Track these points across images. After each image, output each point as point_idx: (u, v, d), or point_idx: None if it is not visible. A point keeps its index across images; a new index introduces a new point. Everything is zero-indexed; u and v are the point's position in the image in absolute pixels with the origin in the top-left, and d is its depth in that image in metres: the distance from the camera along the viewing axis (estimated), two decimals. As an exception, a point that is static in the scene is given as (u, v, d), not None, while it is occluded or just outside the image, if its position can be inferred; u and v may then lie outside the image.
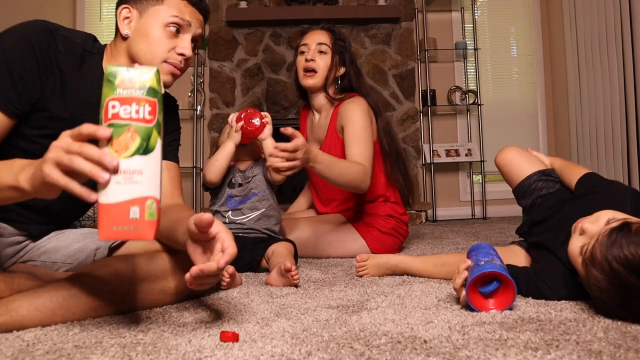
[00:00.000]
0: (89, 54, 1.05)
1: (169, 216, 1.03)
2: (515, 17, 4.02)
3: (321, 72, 1.78)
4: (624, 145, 3.07)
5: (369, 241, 1.77)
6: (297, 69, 1.84)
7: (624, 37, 3.06)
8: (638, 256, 0.81)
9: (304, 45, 1.82)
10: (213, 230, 0.81)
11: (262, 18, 3.65)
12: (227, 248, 0.79)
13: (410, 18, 3.77)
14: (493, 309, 0.94)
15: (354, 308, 1.00)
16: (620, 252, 0.83)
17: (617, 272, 0.82)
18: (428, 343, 0.75)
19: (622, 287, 0.82)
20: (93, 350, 0.73)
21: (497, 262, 0.98)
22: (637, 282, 0.81)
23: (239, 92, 3.76)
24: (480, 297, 0.95)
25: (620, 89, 3.09)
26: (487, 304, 0.95)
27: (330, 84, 1.81)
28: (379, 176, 1.81)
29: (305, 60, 1.78)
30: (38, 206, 1.08)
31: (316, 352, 0.71)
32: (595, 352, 0.69)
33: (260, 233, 1.59)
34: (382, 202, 1.83)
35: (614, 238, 0.86)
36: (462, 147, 3.76)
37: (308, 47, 1.81)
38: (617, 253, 0.83)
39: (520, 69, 4.01)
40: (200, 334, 0.81)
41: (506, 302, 0.94)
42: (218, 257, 0.78)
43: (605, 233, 0.88)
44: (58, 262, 1.06)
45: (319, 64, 1.78)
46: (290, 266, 1.21)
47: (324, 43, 1.79)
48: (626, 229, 0.86)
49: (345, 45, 1.84)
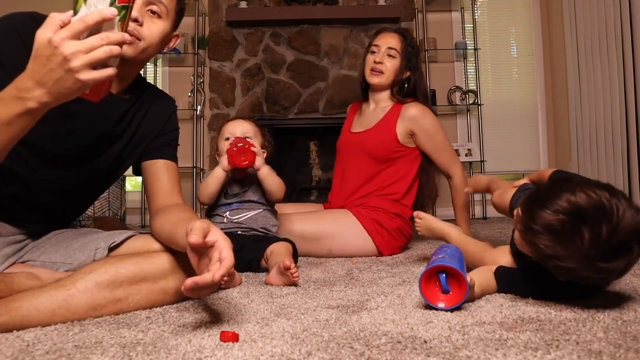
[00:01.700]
0: None
1: (169, 218, 1.03)
2: (515, 17, 4.02)
3: (387, 73, 1.91)
4: (624, 145, 3.07)
5: (374, 237, 1.79)
6: (364, 66, 1.96)
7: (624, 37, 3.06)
8: (553, 203, 0.88)
9: (375, 46, 1.94)
10: (211, 239, 0.81)
11: (262, 18, 3.65)
12: (224, 258, 0.79)
13: (410, 18, 3.77)
14: (442, 305, 0.95)
15: (354, 308, 1.00)
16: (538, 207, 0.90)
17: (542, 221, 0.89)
18: (428, 343, 0.75)
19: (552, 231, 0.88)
20: (93, 350, 0.73)
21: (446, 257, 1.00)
22: (559, 217, 0.87)
23: (239, 92, 3.76)
24: (437, 290, 0.97)
25: (620, 89, 3.09)
26: (439, 298, 0.96)
27: (394, 84, 1.94)
28: (407, 176, 1.90)
29: (374, 61, 1.91)
30: (38, 204, 1.08)
31: (316, 352, 0.71)
32: (595, 352, 0.69)
33: (257, 232, 1.59)
34: (393, 201, 1.87)
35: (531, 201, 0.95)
36: (462, 147, 3.76)
37: (379, 48, 1.93)
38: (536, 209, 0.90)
39: (520, 69, 4.01)
40: (200, 334, 0.80)
41: (456, 300, 0.95)
42: (214, 269, 0.78)
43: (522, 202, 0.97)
44: (58, 262, 1.06)
45: (386, 66, 1.91)
46: (290, 264, 1.21)
47: (394, 48, 1.91)
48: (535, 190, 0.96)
49: (413, 51, 1.95)
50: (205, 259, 0.83)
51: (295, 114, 3.76)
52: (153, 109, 1.19)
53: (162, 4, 1.05)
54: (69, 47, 0.69)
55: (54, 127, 0.99)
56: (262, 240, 1.55)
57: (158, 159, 1.19)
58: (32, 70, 0.72)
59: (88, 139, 1.08)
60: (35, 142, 0.98)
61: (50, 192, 1.08)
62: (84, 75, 0.70)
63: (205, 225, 0.83)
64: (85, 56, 0.70)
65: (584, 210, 0.85)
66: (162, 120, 1.21)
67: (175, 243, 0.96)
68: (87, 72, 0.70)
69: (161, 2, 1.05)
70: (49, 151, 1.03)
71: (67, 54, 0.69)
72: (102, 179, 1.19)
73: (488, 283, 1.08)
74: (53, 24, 0.71)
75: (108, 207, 3.46)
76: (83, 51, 0.69)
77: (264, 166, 1.57)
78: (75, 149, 1.07)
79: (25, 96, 0.72)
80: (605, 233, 0.84)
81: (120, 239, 1.06)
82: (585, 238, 0.84)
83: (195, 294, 0.80)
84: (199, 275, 0.78)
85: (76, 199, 1.19)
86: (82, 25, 0.70)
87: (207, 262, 0.82)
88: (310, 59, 3.76)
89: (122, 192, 3.60)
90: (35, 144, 0.98)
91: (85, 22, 0.70)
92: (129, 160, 1.20)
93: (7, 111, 0.74)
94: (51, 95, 0.72)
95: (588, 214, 0.85)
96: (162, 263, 1.01)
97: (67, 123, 1.02)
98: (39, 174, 1.04)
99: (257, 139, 1.66)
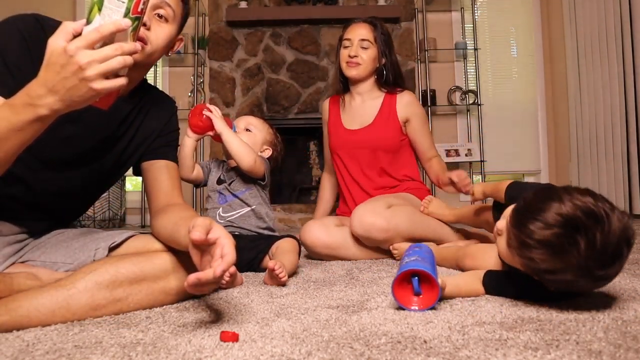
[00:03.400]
0: None
1: (170, 218, 1.03)
2: (515, 17, 4.02)
3: (364, 64, 1.90)
4: (624, 146, 3.07)
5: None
6: (339, 61, 1.96)
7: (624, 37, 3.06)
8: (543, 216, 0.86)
9: (347, 40, 1.92)
10: (213, 236, 0.81)
11: (262, 18, 3.66)
12: (226, 255, 0.79)
13: (410, 18, 3.77)
14: (415, 307, 0.95)
15: (354, 308, 1.00)
16: (529, 221, 0.88)
17: (536, 237, 0.87)
18: (428, 343, 0.75)
19: (547, 245, 0.86)
20: (93, 350, 0.73)
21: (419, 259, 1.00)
22: (553, 231, 0.85)
23: (239, 92, 3.76)
24: (410, 292, 0.97)
25: (620, 89, 3.09)
26: (412, 300, 0.97)
27: (372, 74, 1.94)
28: (413, 160, 2.01)
29: (349, 56, 1.89)
30: (38, 204, 1.08)
31: (316, 352, 0.71)
32: (595, 352, 0.69)
33: (250, 232, 1.58)
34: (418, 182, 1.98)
35: (519, 214, 0.92)
36: (462, 147, 3.76)
37: (351, 42, 1.91)
38: (528, 224, 0.88)
39: (520, 69, 4.01)
40: (200, 334, 0.80)
41: (429, 302, 0.95)
42: (216, 265, 0.78)
43: (510, 215, 0.95)
44: (58, 262, 1.06)
45: (362, 57, 1.89)
46: (273, 266, 1.22)
47: (366, 39, 1.89)
48: (523, 202, 0.92)
49: (385, 37, 1.93)
50: (207, 256, 0.83)
51: (295, 114, 3.76)
52: (153, 110, 1.19)
53: (169, 7, 1.05)
54: (84, 56, 0.70)
55: (56, 131, 0.99)
56: (261, 239, 1.55)
57: (158, 160, 1.19)
58: (44, 77, 0.73)
59: (90, 142, 1.08)
60: (37, 145, 0.97)
61: (51, 193, 1.08)
62: (98, 85, 0.72)
63: (207, 222, 0.84)
64: (100, 66, 0.71)
65: (576, 219, 0.84)
66: (162, 121, 1.21)
67: (176, 242, 0.96)
68: (100, 82, 0.72)
69: (169, 6, 1.05)
70: (50, 154, 1.03)
71: (82, 63, 0.70)
72: (103, 180, 1.20)
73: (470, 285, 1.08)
74: (66, 33, 0.72)
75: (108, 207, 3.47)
76: (98, 60, 0.71)
77: (225, 130, 1.50)
78: (77, 152, 1.07)
79: (37, 103, 0.74)
80: (599, 240, 0.83)
81: (121, 239, 1.06)
82: (582, 248, 0.83)
83: (198, 290, 0.80)
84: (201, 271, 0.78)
85: (77, 200, 1.19)
86: (97, 35, 0.71)
87: (209, 259, 0.82)
88: (310, 59, 3.76)
89: (122, 192, 3.60)
90: (36, 147, 0.98)
91: (101, 32, 0.71)
92: (130, 162, 1.20)
93: (19, 118, 0.75)
94: (63, 103, 0.74)
95: (581, 223, 0.84)
96: (163, 263, 1.01)
97: (70, 127, 1.02)
98: (40, 175, 1.04)
99: (261, 133, 1.65)
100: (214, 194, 1.63)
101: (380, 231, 1.62)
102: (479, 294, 1.08)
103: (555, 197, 0.88)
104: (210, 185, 1.64)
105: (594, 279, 0.87)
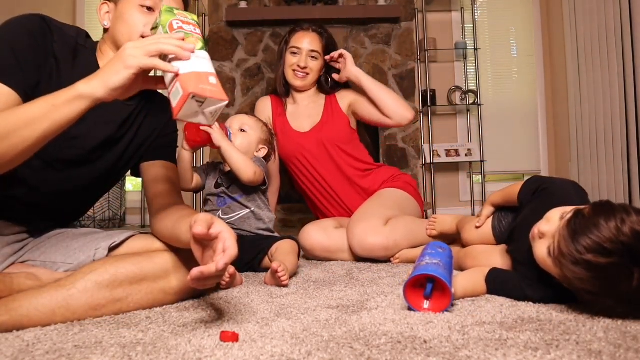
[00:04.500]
0: (82, 47, 1.07)
1: (171, 216, 1.03)
2: (515, 17, 4.02)
3: (312, 74, 1.93)
4: (624, 146, 3.07)
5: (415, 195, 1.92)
6: (284, 65, 1.95)
7: (624, 37, 3.06)
8: (601, 237, 0.83)
9: (296, 48, 1.91)
10: (215, 231, 0.82)
11: (262, 18, 3.65)
12: (227, 249, 0.79)
13: (410, 18, 3.76)
14: (428, 310, 0.95)
15: (354, 308, 1.00)
16: (585, 239, 0.84)
17: (589, 259, 0.83)
18: (428, 343, 0.75)
19: (599, 270, 0.83)
20: (93, 350, 0.73)
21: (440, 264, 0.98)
22: (610, 260, 0.82)
23: (239, 92, 3.76)
24: (419, 294, 0.96)
25: (620, 89, 3.09)
26: (423, 303, 0.96)
27: (316, 82, 1.99)
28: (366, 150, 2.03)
29: (298, 65, 1.90)
30: (39, 205, 1.08)
31: (316, 352, 0.71)
32: (595, 352, 0.69)
33: (250, 233, 1.58)
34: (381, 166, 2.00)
35: (574, 228, 0.87)
36: (462, 147, 3.76)
37: (300, 51, 1.91)
38: (582, 241, 0.85)
39: (520, 69, 4.01)
40: (200, 334, 0.81)
41: (442, 306, 0.95)
42: (218, 259, 0.78)
43: (563, 226, 0.90)
44: (58, 262, 1.06)
45: (311, 68, 1.92)
46: (276, 267, 1.23)
47: (316, 50, 1.91)
48: (580, 216, 0.88)
49: (333, 49, 1.95)
50: (209, 251, 0.84)
51: (295, 114, 3.75)
52: (153, 112, 1.20)
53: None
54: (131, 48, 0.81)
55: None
56: (260, 240, 1.55)
57: (158, 160, 1.20)
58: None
59: (92, 143, 1.09)
60: None
61: (52, 193, 1.08)
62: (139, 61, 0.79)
63: (209, 217, 0.84)
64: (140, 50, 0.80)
65: (636, 250, 0.81)
66: (162, 122, 1.22)
67: (178, 239, 0.97)
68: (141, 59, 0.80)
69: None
70: (52, 155, 1.03)
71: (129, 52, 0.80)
72: (103, 181, 1.20)
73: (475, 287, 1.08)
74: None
75: (108, 207, 3.47)
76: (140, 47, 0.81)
77: (224, 143, 1.49)
78: (78, 153, 1.08)
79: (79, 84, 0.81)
80: None
81: (121, 239, 1.06)
82: (635, 281, 0.80)
83: (201, 285, 0.81)
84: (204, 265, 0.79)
85: (77, 200, 1.19)
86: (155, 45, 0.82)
87: (212, 254, 0.82)
88: (310, 59, 3.76)
89: (122, 192, 3.60)
90: None
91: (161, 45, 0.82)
92: (131, 162, 1.20)
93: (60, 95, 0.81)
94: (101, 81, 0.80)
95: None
96: (163, 262, 1.01)
97: (73, 127, 1.03)
98: (41, 176, 1.04)
99: (255, 132, 1.65)
100: (212, 197, 1.63)
101: (381, 250, 1.65)
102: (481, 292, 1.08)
103: (613, 218, 0.84)
104: (207, 189, 1.64)
105: (634, 308, 0.85)
